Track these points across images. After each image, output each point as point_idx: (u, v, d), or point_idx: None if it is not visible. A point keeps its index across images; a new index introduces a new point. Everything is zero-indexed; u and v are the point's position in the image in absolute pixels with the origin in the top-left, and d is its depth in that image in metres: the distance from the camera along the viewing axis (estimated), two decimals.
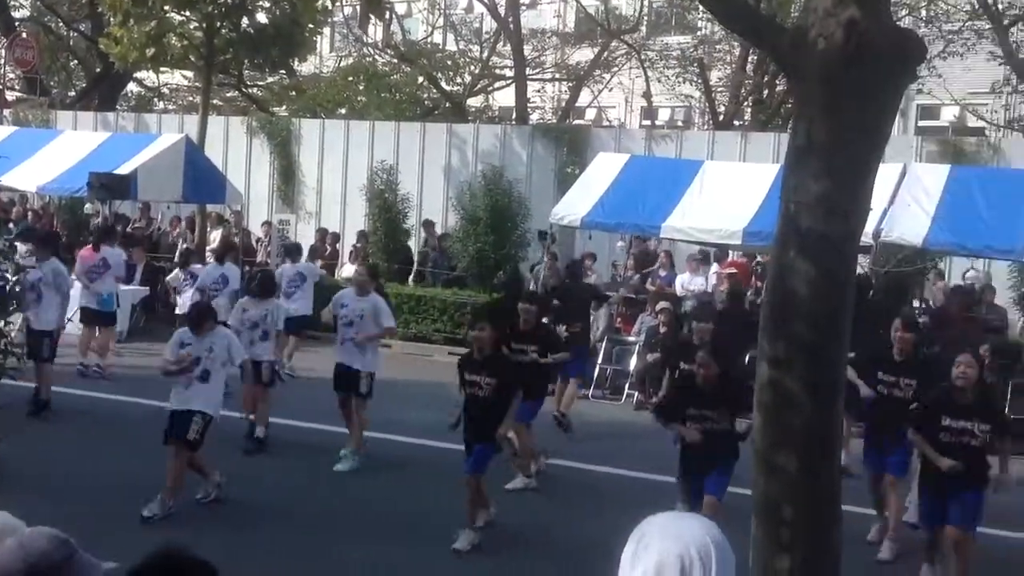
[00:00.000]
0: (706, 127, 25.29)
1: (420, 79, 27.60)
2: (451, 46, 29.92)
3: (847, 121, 3.45)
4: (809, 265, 3.51)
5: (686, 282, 16.28)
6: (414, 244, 20.43)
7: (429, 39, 30.46)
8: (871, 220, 12.99)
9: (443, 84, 27.63)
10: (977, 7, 21.51)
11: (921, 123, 25.92)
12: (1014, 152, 18.58)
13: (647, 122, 27.39)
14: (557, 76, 29.06)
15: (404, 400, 12.04)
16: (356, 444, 10.08)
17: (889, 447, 8.27)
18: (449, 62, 28.16)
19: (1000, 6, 21.45)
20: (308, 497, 9.16)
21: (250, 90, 29.49)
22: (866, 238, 13.04)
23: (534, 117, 27.65)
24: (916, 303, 14.87)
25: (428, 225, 20.50)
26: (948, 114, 25.19)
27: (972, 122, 24.61)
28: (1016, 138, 22.10)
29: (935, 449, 7.18)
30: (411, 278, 19.07)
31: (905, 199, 13.49)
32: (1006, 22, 21.35)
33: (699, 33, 26.63)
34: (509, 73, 27.71)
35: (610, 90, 27.91)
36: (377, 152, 22.05)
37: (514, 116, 26.23)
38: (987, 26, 21.44)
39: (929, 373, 8.17)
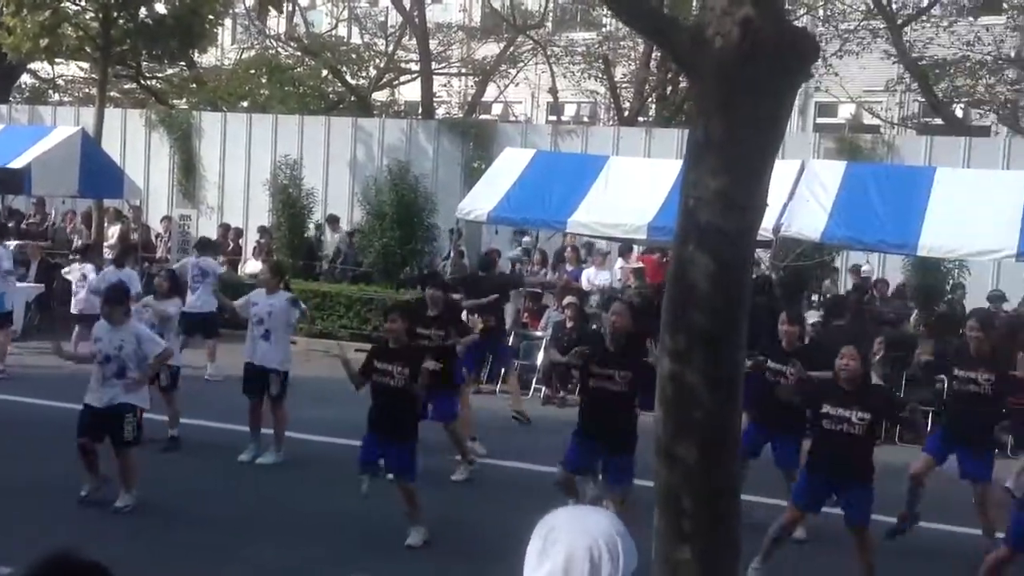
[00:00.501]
0: (611, 123, 25.53)
1: (324, 72, 27.32)
2: (356, 39, 29.67)
3: (743, 118, 3.51)
4: (708, 259, 3.56)
5: (592, 277, 16.43)
6: (330, 240, 20.17)
7: (333, 32, 30.16)
8: (771, 215, 13.35)
9: (348, 78, 27.39)
10: (872, 7, 22.11)
11: (819, 120, 26.57)
12: (907, 149, 19.16)
13: (553, 117, 27.55)
14: (463, 71, 29.04)
15: (312, 398, 11.93)
16: (277, 444, 10.12)
17: (778, 439, 8.51)
18: (354, 55, 27.93)
19: (894, 6, 22.08)
20: (218, 498, 9.03)
21: (149, 82, 28.83)
22: (766, 233, 13.34)
23: (440, 112, 27.59)
24: (815, 296, 15.24)
25: (333, 220, 20.32)
26: (845, 112, 25.86)
27: (868, 119, 25.31)
28: (910, 135, 22.77)
29: (817, 436, 7.41)
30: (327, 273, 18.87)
31: (803, 195, 13.80)
32: (899, 22, 21.98)
33: (604, 29, 26.86)
34: (415, 67, 27.60)
35: (516, 85, 28.00)
36: (281, 146, 21.78)
37: (420, 111, 26.14)
38: (882, 25, 22.05)
39: (812, 361, 8.43)
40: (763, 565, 7.43)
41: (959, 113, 23.86)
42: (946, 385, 9.04)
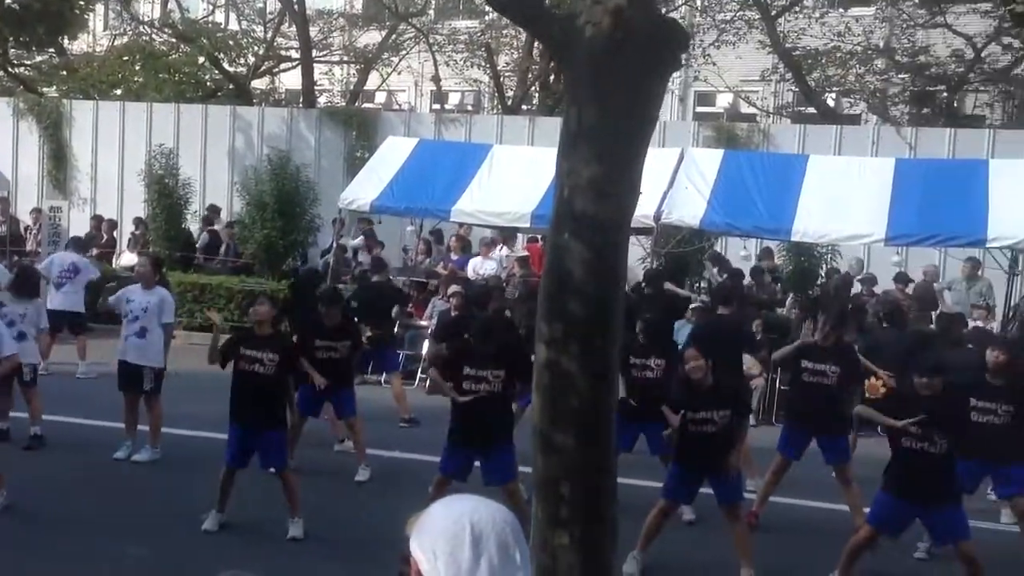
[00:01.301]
0: (495, 111, 25.55)
1: (201, 59, 26.65)
2: (233, 25, 29.02)
3: (615, 106, 3.54)
4: (583, 247, 3.59)
5: (478, 266, 16.42)
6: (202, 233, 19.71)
7: (210, 18, 29.43)
8: (652, 203, 13.58)
9: (225, 65, 26.77)
10: None
11: (699, 109, 27.03)
12: (782, 137, 19.65)
13: (437, 106, 27.43)
14: (345, 59, 28.67)
15: (190, 392, 11.64)
16: (153, 440, 9.87)
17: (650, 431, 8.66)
18: (231, 42, 27.28)
19: None
20: (88, 496, 8.77)
21: (16, 70, 27.72)
22: (647, 220, 13.55)
23: (322, 100, 27.20)
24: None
25: (212, 211, 19.87)
26: (723, 101, 26.37)
27: (745, 109, 25.87)
28: (785, 124, 23.35)
29: (682, 434, 7.54)
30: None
31: (683, 182, 14.06)
32: (773, 12, 22.50)
33: (487, 18, 26.82)
34: (295, 55, 27.13)
35: (399, 73, 27.76)
36: (156, 135, 21.19)
37: (301, 99, 25.73)
38: (756, 16, 22.55)
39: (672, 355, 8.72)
40: (641, 554, 7.53)
41: (831, 102, 24.56)
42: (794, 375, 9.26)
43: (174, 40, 27.31)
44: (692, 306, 12.03)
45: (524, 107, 24.97)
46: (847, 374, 8.76)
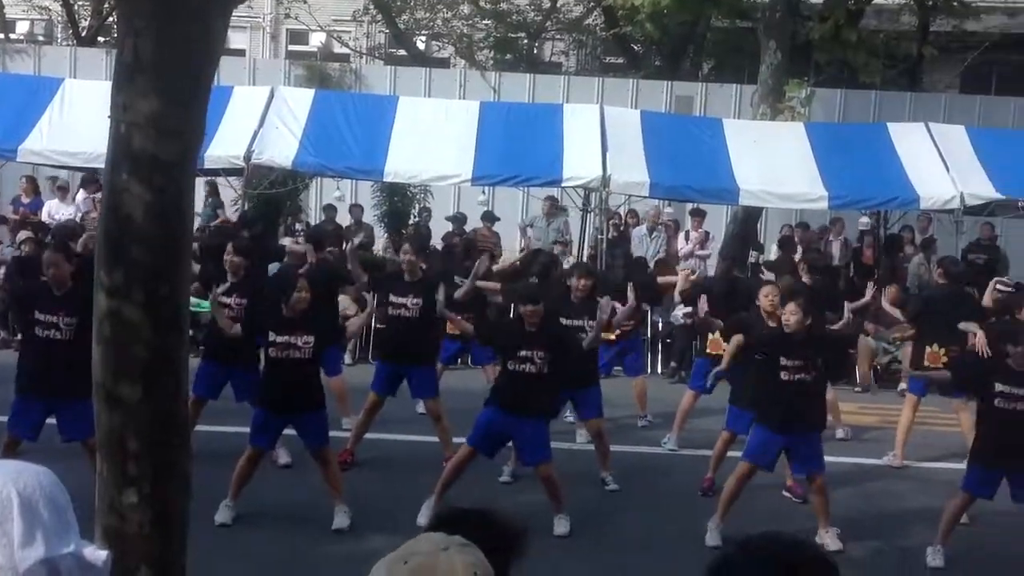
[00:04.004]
0: (68, 43, 23.63)
1: None
2: None
3: (175, 39, 3.33)
4: (144, 188, 3.36)
5: (54, 210, 15.22)
6: None
7: None
8: (242, 142, 13.22)
9: None
10: None
11: (291, 48, 26.61)
12: (374, 78, 19.84)
13: (1, 36, 24.92)
14: None
15: None
16: None
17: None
18: None
19: None
20: None
21: None
22: (237, 161, 13.19)
23: None
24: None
25: None
26: (316, 40, 26.13)
27: (338, 49, 25.80)
28: (377, 65, 23.55)
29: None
30: None
31: (274, 122, 13.79)
32: None
33: None
34: None
35: None
36: None
37: None
38: None
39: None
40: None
41: (421, 45, 25.09)
42: None
43: None
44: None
45: (101, 39, 23.28)
46: None
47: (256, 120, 13.62)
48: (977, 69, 22.63)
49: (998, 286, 10.70)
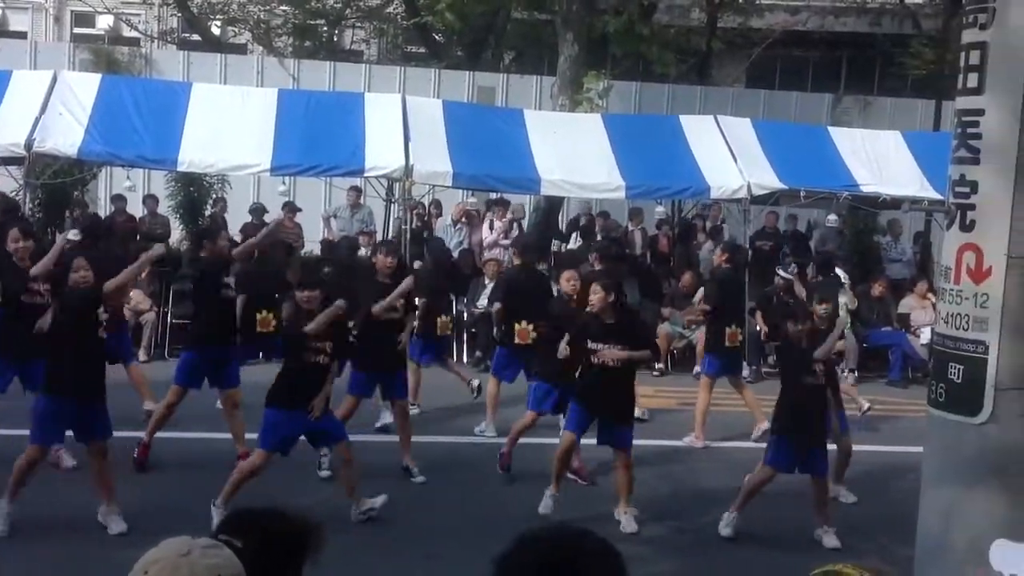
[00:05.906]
0: None
1: None
2: None
3: None
4: None
5: None
6: None
7: None
8: (22, 130, 12.45)
9: None
10: None
11: (76, 30, 25.32)
12: (166, 64, 19.11)
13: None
14: None
15: None
16: None
17: None
18: None
19: None
20: None
21: None
22: (18, 149, 12.43)
23: None
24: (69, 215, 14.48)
25: None
26: (103, 23, 24.94)
27: (127, 32, 24.70)
28: (170, 50, 22.68)
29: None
30: None
31: (57, 108, 13.06)
32: None
33: None
34: None
35: None
36: None
37: None
38: None
39: None
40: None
41: (216, 30, 24.31)
42: None
43: None
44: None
45: None
46: None
47: (38, 107, 12.88)
48: (762, 64, 23.78)
49: (779, 271, 11.65)
